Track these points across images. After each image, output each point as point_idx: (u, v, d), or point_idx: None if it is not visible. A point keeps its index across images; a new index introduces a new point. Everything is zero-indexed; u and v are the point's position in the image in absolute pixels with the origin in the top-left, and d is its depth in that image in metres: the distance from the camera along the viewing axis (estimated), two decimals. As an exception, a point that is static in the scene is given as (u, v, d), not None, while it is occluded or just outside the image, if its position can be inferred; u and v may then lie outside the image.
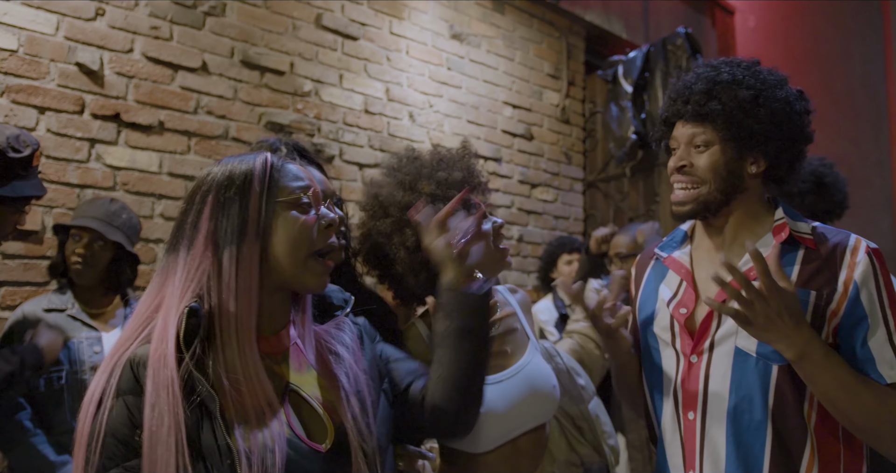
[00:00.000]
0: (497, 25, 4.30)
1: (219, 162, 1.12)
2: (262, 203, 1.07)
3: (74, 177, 2.57)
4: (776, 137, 1.33)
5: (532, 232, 4.38)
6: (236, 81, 3.06)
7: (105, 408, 0.96)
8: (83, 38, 2.63)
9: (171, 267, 1.06)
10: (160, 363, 0.96)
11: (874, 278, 1.28)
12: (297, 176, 1.11)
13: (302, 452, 1.02)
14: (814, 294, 1.29)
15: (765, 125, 1.32)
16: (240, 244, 1.04)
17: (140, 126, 2.76)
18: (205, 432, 0.95)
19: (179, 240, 1.07)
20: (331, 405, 1.10)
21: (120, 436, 0.95)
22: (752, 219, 1.40)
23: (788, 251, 1.34)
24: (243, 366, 1.02)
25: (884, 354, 1.24)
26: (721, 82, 1.36)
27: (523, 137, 4.40)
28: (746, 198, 1.40)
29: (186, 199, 1.10)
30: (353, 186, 3.44)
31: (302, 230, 1.08)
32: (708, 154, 1.37)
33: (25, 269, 2.46)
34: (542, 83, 4.58)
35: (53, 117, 2.54)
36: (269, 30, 3.19)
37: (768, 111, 1.32)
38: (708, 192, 1.37)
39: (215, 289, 1.04)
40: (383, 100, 3.64)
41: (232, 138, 3.02)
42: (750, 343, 1.31)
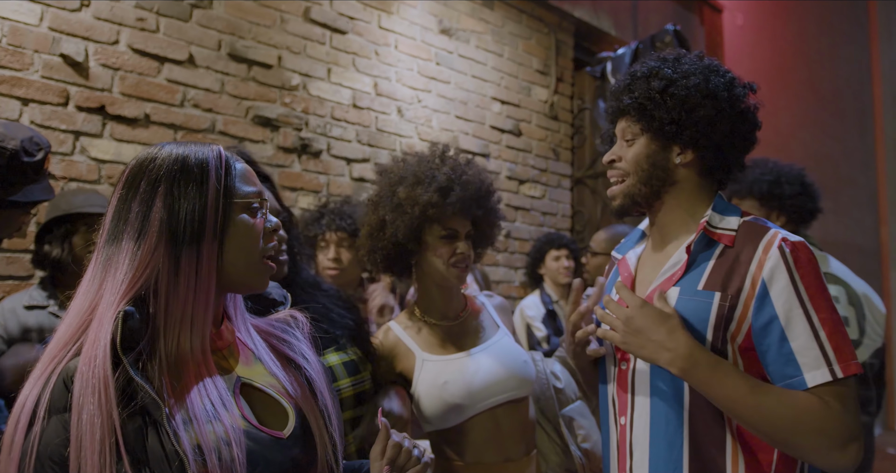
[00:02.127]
0: (486, 21, 4.29)
1: (158, 146, 1.06)
2: (220, 202, 1.03)
3: (58, 170, 2.55)
4: (689, 125, 1.32)
5: (520, 228, 4.38)
6: (223, 75, 3.04)
7: (37, 426, 0.89)
8: (68, 29, 2.60)
9: (113, 261, 0.98)
10: (89, 371, 0.89)
11: (787, 273, 1.21)
12: (247, 179, 1.10)
13: (262, 441, 1.01)
14: (717, 296, 1.25)
15: (674, 114, 1.33)
16: (199, 244, 1.00)
17: (125, 119, 2.73)
18: (150, 440, 0.91)
19: (124, 230, 0.99)
20: (286, 392, 1.10)
21: (56, 458, 0.88)
22: (688, 214, 1.39)
23: (706, 251, 1.32)
24: (194, 365, 1.00)
25: (807, 354, 1.18)
26: (639, 76, 1.39)
27: (511, 133, 4.40)
28: (678, 191, 1.39)
29: (126, 183, 1.02)
30: (341, 180, 3.43)
31: (254, 234, 1.07)
32: (633, 147, 1.40)
33: (8, 263, 2.43)
34: (531, 79, 4.57)
35: (37, 109, 2.51)
36: (256, 23, 3.17)
37: (678, 100, 1.32)
38: (632, 184, 1.39)
39: (168, 289, 0.99)
40: (371, 94, 3.63)
41: (219, 132, 2.99)
42: None
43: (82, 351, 0.92)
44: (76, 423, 0.88)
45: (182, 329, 1.00)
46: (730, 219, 1.34)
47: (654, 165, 1.37)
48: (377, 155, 3.62)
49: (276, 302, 1.30)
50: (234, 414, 1.00)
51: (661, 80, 1.35)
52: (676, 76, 1.35)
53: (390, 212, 1.76)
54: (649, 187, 1.38)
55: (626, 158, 1.40)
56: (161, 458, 0.90)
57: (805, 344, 1.18)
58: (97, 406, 0.88)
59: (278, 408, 1.08)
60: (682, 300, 1.29)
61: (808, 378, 1.17)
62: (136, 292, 0.97)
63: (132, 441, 0.90)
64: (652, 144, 1.38)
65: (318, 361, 1.21)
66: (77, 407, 0.88)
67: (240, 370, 1.09)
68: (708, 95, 1.32)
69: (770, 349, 1.21)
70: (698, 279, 1.29)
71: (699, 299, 1.27)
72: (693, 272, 1.32)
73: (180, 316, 0.99)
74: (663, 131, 1.35)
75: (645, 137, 1.38)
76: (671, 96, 1.33)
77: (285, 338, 1.19)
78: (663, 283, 1.35)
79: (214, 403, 0.98)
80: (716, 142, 1.34)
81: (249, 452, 0.97)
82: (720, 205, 1.37)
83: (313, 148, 3.32)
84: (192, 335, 1.00)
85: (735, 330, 1.25)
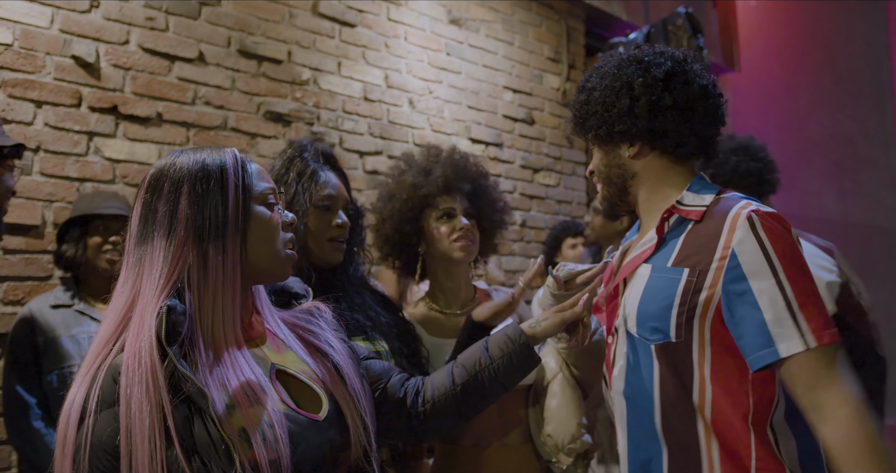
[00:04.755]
0: (495, 9, 4.26)
1: (175, 153, 1.11)
2: (240, 198, 1.09)
3: (73, 171, 2.56)
4: (617, 122, 1.38)
5: (535, 217, 4.36)
6: (234, 71, 3.04)
7: (89, 420, 0.94)
8: (78, 30, 2.61)
9: (147, 259, 1.04)
10: (135, 363, 0.94)
11: (758, 242, 1.19)
12: (262, 176, 1.16)
13: (301, 423, 1.06)
14: (686, 272, 1.25)
15: (600, 119, 1.41)
16: (224, 238, 1.06)
17: (138, 118, 2.74)
18: (197, 428, 0.95)
19: (154, 230, 1.05)
20: (318, 378, 1.16)
21: (109, 449, 0.93)
22: (661, 200, 1.41)
23: (676, 229, 1.34)
24: (231, 354, 1.04)
25: (780, 325, 1.15)
26: (576, 95, 1.50)
27: (524, 121, 4.38)
28: (643, 181, 1.43)
29: (148, 187, 1.08)
30: (354, 174, 3.43)
31: (273, 226, 1.13)
32: (594, 155, 1.50)
33: (27, 264, 2.45)
34: (543, 67, 4.54)
35: (51, 111, 2.53)
36: (265, 18, 3.17)
37: (599, 105, 1.40)
38: (603, 188, 1.49)
39: (200, 282, 1.04)
40: (382, 87, 3.62)
41: (231, 129, 3.00)
42: (633, 324, 1.33)
43: (126, 346, 0.97)
44: (125, 413, 0.92)
45: (215, 320, 1.04)
46: (704, 196, 1.35)
47: (609, 166, 1.45)
48: (390, 147, 3.61)
49: (298, 295, 1.34)
50: (274, 398, 1.04)
51: (585, 92, 1.45)
52: (595, 82, 1.43)
53: (387, 203, 1.87)
54: (615, 186, 1.46)
55: (593, 168, 1.50)
56: (208, 444, 0.94)
57: (778, 315, 1.15)
58: (145, 395, 0.92)
59: (311, 393, 1.13)
60: (652, 278, 1.32)
61: (782, 349, 1.14)
62: (172, 286, 1.02)
63: (180, 429, 0.94)
64: (601, 149, 1.46)
65: (344, 347, 1.26)
66: (125, 398, 0.92)
67: (273, 358, 1.14)
68: (622, 88, 1.37)
69: (743, 320, 1.19)
70: (669, 256, 1.31)
71: (668, 276, 1.28)
72: (663, 250, 1.34)
73: (212, 307, 1.04)
74: (600, 136, 1.43)
75: (595, 146, 1.48)
76: (592, 104, 1.42)
77: (310, 328, 1.24)
78: (631, 261, 1.40)
79: (254, 388, 1.03)
80: (647, 126, 1.36)
81: (291, 433, 1.02)
82: (696, 185, 1.38)
83: (326, 142, 3.32)
84: (225, 325, 1.05)
85: (704, 307, 1.23)
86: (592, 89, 1.42)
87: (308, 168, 1.65)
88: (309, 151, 1.68)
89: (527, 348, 1.41)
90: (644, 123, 1.36)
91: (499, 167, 4.17)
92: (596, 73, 1.45)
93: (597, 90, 1.41)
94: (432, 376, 1.42)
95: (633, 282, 1.37)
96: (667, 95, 1.35)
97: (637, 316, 1.32)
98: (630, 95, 1.36)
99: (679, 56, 1.40)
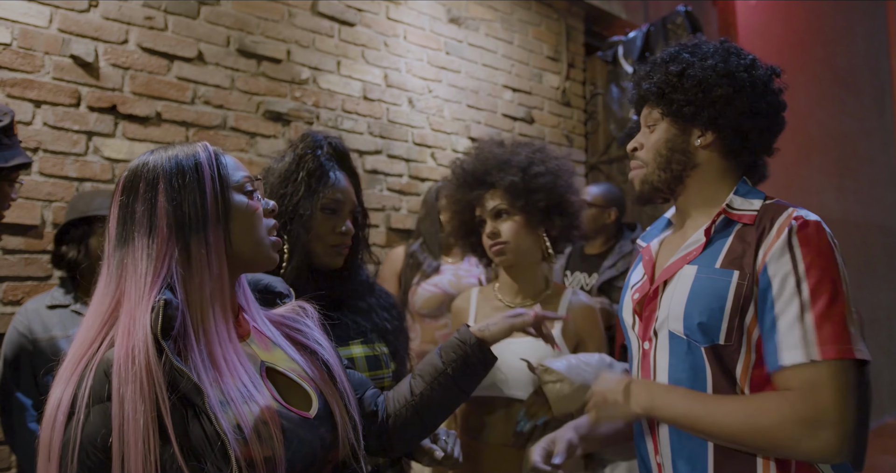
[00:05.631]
0: (495, 8, 4.26)
1: (146, 154, 1.10)
2: (218, 189, 1.08)
3: (73, 170, 2.56)
4: (707, 106, 1.33)
5: (535, 216, 4.36)
6: (233, 71, 3.04)
7: (79, 417, 0.91)
8: (77, 30, 2.61)
9: (129, 259, 1.02)
10: (127, 362, 0.92)
11: (789, 249, 1.18)
12: (236, 166, 1.15)
13: (293, 421, 1.05)
14: (736, 274, 1.23)
15: (691, 96, 1.33)
16: (205, 230, 1.05)
17: (137, 118, 2.74)
18: (192, 425, 0.94)
19: (133, 230, 1.03)
20: (307, 376, 1.15)
21: (99, 445, 0.90)
22: (712, 197, 1.37)
23: (723, 231, 1.31)
24: (224, 350, 1.03)
25: (790, 334, 1.15)
26: (658, 62, 1.41)
27: (524, 120, 4.37)
28: (701, 174, 1.38)
29: (124, 189, 1.06)
30: (354, 173, 3.42)
31: (254, 214, 1.13)
32: (654, 133, 1.41)
33: (26, 264, 2.45)
34: (542, 66, 4.54)
35: (49, 111, 2.53)
36: (264, 18, 3.16)
37: (695, 82, 1.33)
38: (651, 171, 1.40)
39: (186, 276, 1.03)
40: (382, 86, 3.61)
41: (230, 128, 3.00)
42: (678, 325, 1.28)
43: (116, 344, 0.95)
44: (118, 413, 0.90)
45: (204, 314, 1.03)
46: (753, 201, 1.33)
47: (672, 150, 1.37)
48: (389, 147, 3.61)
49: (282, 295, 1.33)
50: (266, 395, 1.04)
51: (679, 63, 1.36)
52: (694, 59, 1.35)
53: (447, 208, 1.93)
54: (670, 173, 1.38)
55: (646, 145, 1.41)
56: (203, 441, 0.93)
57: (790, 323, 1.15)
58: (139, 394, 0.90)
59: (301, 391, 1.13)
60: (699, 279, 1.28)
61: (784, 357, 1.15)
62: (160, 283, 1.00)
63: (175, 425, 0.92)
64: (671, 128, 1.38)
65: (332, 346, 1.25)
66: (118, 397, 0.90)
67: (262, 356, 1.13)
68: (725, 75, 1.32)
69: (763, 327, 1.20)
70: (716, 257, 1.28)
71: (717, 276, 1.25)
72: (710, 251, 1.31)
73: (200, 301, 1.03)
74: (681, 114, 1.35)
75: (665, 122, 1.39)
76: (688, 78, 1.34)
77: (297, 327, 1.24)
78: (677, 261, 1.35)
79: (247, 384, 1.02)
80: (735, 122, 1.33)
81: (284, 430, 1.01)
82: (743, 189, 1.36)
83: (326, 141, 3.31)
84: (216, 319, 1.04)
85: (753, 315, 1.22)
86: (689, 64, 1.35)
87: (319, 168, 1.60)
88: (323, 149, 1.64)
89: (479, 349, 1.37)
90: (735, 117, 1.32)
91: (498, 166, 4.16)
92: (689, 50, 1.38)
93: (696, 68, 1.34)
94: (393, 390, 1.39)
95: (677, 282, 1.31)
96: (762, 100, 1.34)
97: (684, 316, 1.27)
98: (731, 84, 1.32)
99: (776, 68, 1.39)
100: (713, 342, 1.23)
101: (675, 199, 1.44)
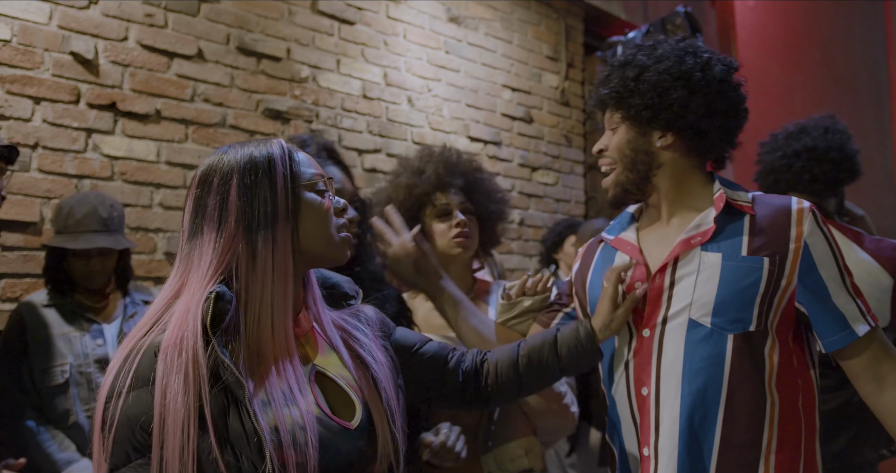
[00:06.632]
0: (494, 8, 4.26)
1: (222, 149, 1.11)
2: (289, 186, 1.08)
3: (72, 167, 2.56)
4: (664, 109, 1.35)
5: (533, 216, 4.36)
6: (233, 68, 3.03)
7: (124, 397, 0.94)
8: (77, 26, 2.60)
9: (196, 252, 1.04)
10: (175, 349, 0.94)
11: (823, 236, 1.30)
12: (309, 163, 1.15)
13: (333, 429, 1.04)
14: (766, 261, 1.28)
15: (648, 100, 1.36)
16: (274, 227, 1.05)
17: (137, 115, 2.74)
18: (231, 418, 0.95)
19: (203, 224, 1.05)
20: (355, 384, 1.14)
21: (144, 424, 0.93)
22: (685, 194, 1.41)
23: (733, 221, 1.34)
24: (276, 348, 1.04)
25: (849, 309, 1.28)
26: (616, 66, 1.44)
27: (523, 120, 4.38)
28: (668, 173, 1.41)
29: (199, 183, 1.08)
30: (353, 172, 3.42)
31: (324, 211, 1.12)
32: (616, 135, 1.44)
33: (25, 261, 2.45)
34: (541, 65, 4.54)
35: (49, 108, 2.52)
36: (264, 16, 3.16)
37: (650, 86, 1.36)
38: (620, 171, 1.43)
39: (248, 272, 1.03)
40: (381, 85, 3.61)
41: (230, 126, 3.00)
42: (704, 314, 1.29)
43: (167, 331, 0.97)
44: (160, 401, 0.92)
45: (262, 312, 1.03)
46: (740, 193, 1.39)
47: (636, 151, 1.41)
48: (388, 145, 3.61)
49: (348, 296, 1.31)
50: (309, 400, 1.03)
51: (635, 67, 1.39)
52: (650, 62, 1.38)
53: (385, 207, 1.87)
54: (636, 173, 1.42)
55: (611, 146, 1.45)
56: (241, 435, 0.94)
57: (846, 300, 1.28)
58: (183, 384, 0.92)
59: (347, 399, 1.12)
60: (728, 266, 1.29)
61: (858, 330, 1.27)
62: (220, 276, 1.02)
63: (216, 418, 0.94)
64: (631, 130, 1.41)
65: (387, 359, 1.23)
66: (161, 385, 0.93)
67: (315, 359, 1.13)
68: (680, 77, 1.35)
69: (818, 306, 1.29)
70: (739, 246, 1.31)
71: (748, 264, 1.29)
72: (724, 241, 1.32)
73: (259, 299, 1.03)
74: (640, 117, 1.39)
75: (625, 125, 1.42)
76: (643, 82, 1.37)
77: (356, 335, 1.22)
78: (681, 244, 1.35)
79: (291, 387, 1.02)
80: (693, 123, 1.36)
81: (321, 438, 1.01)
82: (725, 181, 1.41)
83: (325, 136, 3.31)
84: (274, 318, 1.04)
85: (782, 294, 1.29)
86: (644, 67, 1.38)
87: None
88: (311, 146, 1.67)
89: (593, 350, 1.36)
90: (693, 118, 1.35)
91: (497, 166, 4.17)
92: (646, 52, 1.41)
93: (652, 71, 1.37)
94: (497, 359, 1.37)
95: (700, 270, 1.31)
96: (719, 98, 1.36)
97: (715, 305, 1.28)
98: (687, 86, 1.34)
99: (732, 62, 1.41)
100: (745, 329, 1.28)
101: (646, 199, 1.47)
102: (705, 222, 1.35)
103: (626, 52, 1.45)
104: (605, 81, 1.45)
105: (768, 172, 2.37)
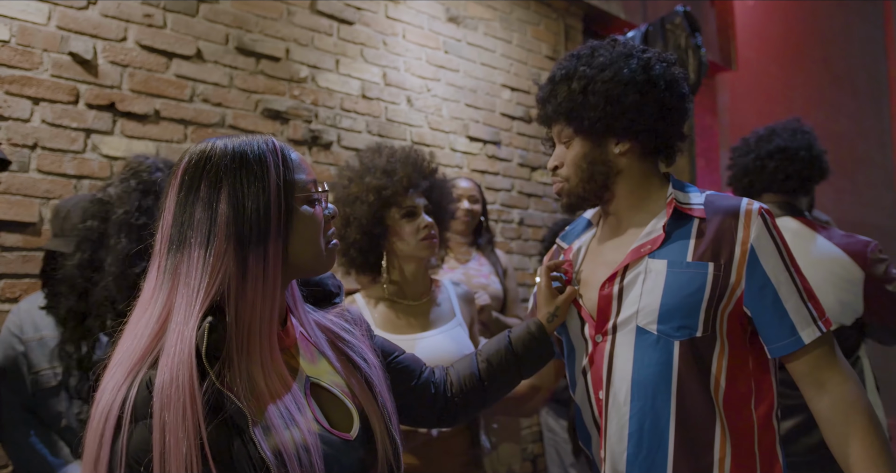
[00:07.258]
0: (494, 7, 4.26)
1: (209, 145, 1.03)
2: (282, 198, 1.01)
3: (71, 168, 2.56)
4: (618, 117, 1.35)
5: (533, 215, 4.36)
6: (232, 69, 3.03)
7: (124, 433, 0.88)
8: (76, 27, 2.60)
9: (183, 269, 0.96)
10: (170, 386, 0.87)
11: (771, 239, 1.28)
12: (302, 168, 1.09)
13: (334, 445, 1.02)
14: (711, 266, 1.28)
15: (601, 111, 1.35)
16: (265, 243, 0.98)
17: (136, 115, 2.73)
18: (236, 449, 0.90)
19: (191, 236, 0.96)
20: (349, 391, 1.11)
21: (144, 463, 0.87)
22: (643, 198, 1.41)
23: (681, 227, 1.34)
24: (266, 371, 0.98)
25: (800, 314, 1.26)
26: (557, 81, 1.43)
27: (522, 119, 4.37)
28: (626, 178, 1.41)
29: (184, 185, 1.00)
30: (352, 172, 3.42)
31: (317, 224, 1.07)
32: (571, 149, 1.43)
33: (24, 261, 2.44)
34: (541, 65, 4.54)
35: (48, 108, 2.52)
36: (263, 16, 3.16)
37: (600, 97, 1.35)
38: (575, 184, 1.43)
39: (238, 294, 0.97)
40: (380, 85, 3.61)
41: (229, 126, 2.99)
42: (650, 321, 1.30)
43: (160, 363, 0.90)
44: (159, 438, 0.86)
45: (251, 334, 0.97)
46: (692, 194, 1.39)
47: (593, 163, 1.40)
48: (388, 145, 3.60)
49: (332, 294, 1.29)
50: (308, 418, 1.00)
51: (580, 79, 1.38)
52: (593, 72, 1.37)
53: (349, 206, 1.88)
54: (594, 183, 1.41)
55: (566, 161, 1.43)
56: (247, 464, 0.90)
57: (796, 305, 1.26)
58: (181, 419, 0.86)
59: (343, 409, 1.09)
60: (673, 273, 1.30)
61: (805, 337, 1.25)
62: (211, 300, 0.95)
63: (219, 451, 0.89)
64: (586, 142, 1.41)
65: (378, 361, 1.21)
66: (159, 421, 0.87)
67: (307, 369, 1.09)
68: (628, 83, 1.34)
69: (765, 311, 1.27)
70: (684, 252, 1.31)
71: (693, 270, 1.29)
72: (671, 246, 1.33)
73: (248, 321, 0.97)
74: (595, 129, 1.38)
75: (578, 138, 1.42)
76: (593, 94, 1.36)
77: (345, 337, 1.19)
78: (631, 253, 1.36)
79: (290, 407, 0.98)
80: (650, 125, 1.36)
81: (324, 456, 0.98)
82: (677, 184, 1.42)
83: (323, 140, 3.31)
84: (262, 338, 0.99)
85: (728, 300, 1.28)
86: (589, 79, 1.37)
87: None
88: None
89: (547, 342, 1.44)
90: (649, 120, 1.35)
91: (497, 165, 4.17)
92: (585, 61, 1.40)
93: (597, 81, 1.35)
94: (457, 370, 1.41)
95: (646, 278, 1.32)
96: (667, 95, 1.36)
97: (660, 312, 1.29)
98: (636, 90, 1.34)
99: (671, 58, 1.40)
100: (691, 335, 1.27)
101: (603, 204, 1.47)
102: (655, 230, 1.36)
103: (564, 64, 1.43)
104: (551, 96, 1.43)
105: (743, 174, 2.44)
